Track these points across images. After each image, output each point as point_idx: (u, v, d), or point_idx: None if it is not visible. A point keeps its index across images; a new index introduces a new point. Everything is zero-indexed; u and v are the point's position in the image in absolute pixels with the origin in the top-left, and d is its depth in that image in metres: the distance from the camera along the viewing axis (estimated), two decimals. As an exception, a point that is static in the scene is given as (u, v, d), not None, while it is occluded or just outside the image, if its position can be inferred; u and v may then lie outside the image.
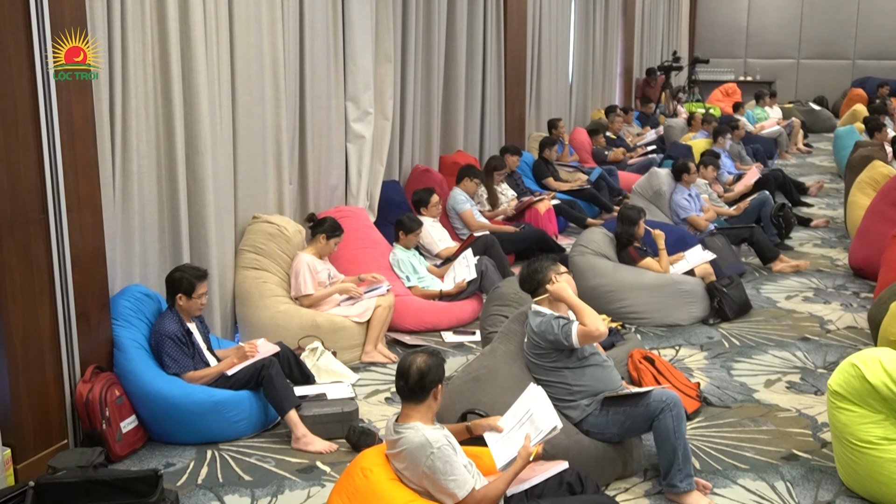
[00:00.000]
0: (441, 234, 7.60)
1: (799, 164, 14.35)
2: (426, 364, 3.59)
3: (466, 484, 3.46)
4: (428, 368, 3.58)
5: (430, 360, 3.61)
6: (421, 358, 3.62)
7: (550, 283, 4.38)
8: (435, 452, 3.45)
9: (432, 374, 3.58)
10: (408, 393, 3.59)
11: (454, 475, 3.45)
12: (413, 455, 3.49)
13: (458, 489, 3.45)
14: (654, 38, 19.05)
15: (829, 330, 6.58)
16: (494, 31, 10.21)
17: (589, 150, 12.10)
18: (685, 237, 7.75)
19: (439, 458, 3.44)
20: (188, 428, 4.69)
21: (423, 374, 3.57)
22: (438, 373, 3.60)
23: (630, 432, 4.29)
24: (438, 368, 3.61)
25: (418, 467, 3.48)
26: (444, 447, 3.47)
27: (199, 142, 5.47)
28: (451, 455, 3.47)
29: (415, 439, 3.49)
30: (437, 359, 3.65)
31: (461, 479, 3.45)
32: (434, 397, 3.59)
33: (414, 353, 3.67)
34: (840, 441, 4.22)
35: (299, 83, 6.72)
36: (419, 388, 3.57)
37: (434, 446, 3.45)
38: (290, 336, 5.64)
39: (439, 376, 3.61)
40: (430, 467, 3.45)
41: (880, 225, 7.62)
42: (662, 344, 6.28)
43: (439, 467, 3.44)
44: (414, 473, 3.52)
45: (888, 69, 20.04)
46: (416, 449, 3.48)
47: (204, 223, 5.57)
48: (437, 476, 3.45)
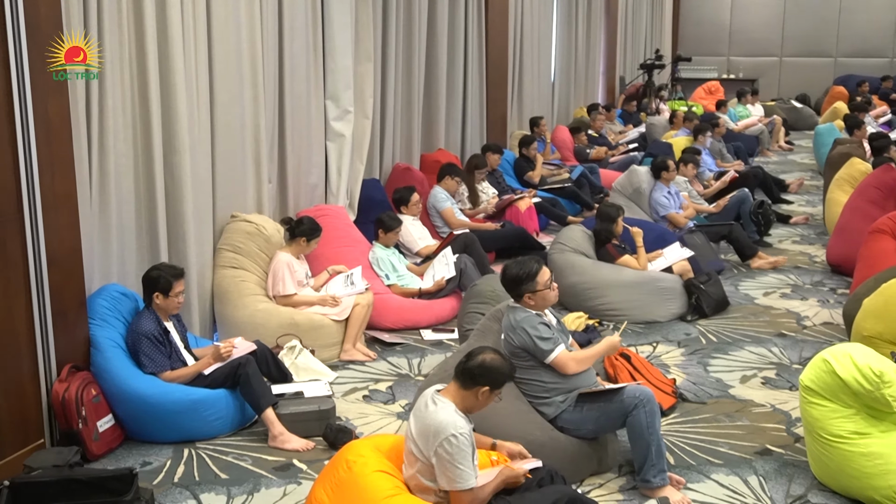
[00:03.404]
0: (421, 233, 7.62)
1: (780, 161, 14.43)
2: (493, 363, 3.62)
3: (469, 479, 3.48)
4: (492, 367, 3.60)
5: (499, 365, 3.63)
6: (496, 357, 3.66)
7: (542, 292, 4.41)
8: (457, 437, 3.45)
9: (492, 375, 3.59)
10: (461, 371, 3.62)
11: (462, 465, 3.46)
12: (433, 428, 3.50)
13: (459, 480, 3.46)
14: (638, 36, 19.10)
15: (806, 326, 6.63)
16: (476, 29, 10.23)
17: (571, 148, 12.13)
18: (665, 234, 7.79)
19: (457, 444, 3.45)
20: (165, 427, 4.70)
21: (484, 367, 3.60)
22: (497, 379, 3.61)
23: (604, 428, 4.33)
24: (501, 376, 3.62)
25: (433, 443, 3.48)
26: (465, 435, 3.48)
27: (176, 140, 5.47)
28: (467, 446, 3.48)
29: (442, 415, 3.51)
30: (507, 371, 3.66)
31: (466, 473, 3.47)
32: (476, 395, 3.59)
33: (498, 352, 3.72)
34: (812, 435, 4.27)
35: (278, 82, 6.72)
36: (471, 375, 3.59)
37: (457, 430, 3.47)
38: (269, 334, 5.65)
39: (495, 382, 3.60)
40: (444, 448, 3.45)
41: (858, 221, 7.68)
42: (640, 341, 6.32)
43: (453, 452, 3.45)
44: (426, 446, 3.52)
45: (870, 67, 20.17)
46: (438, 423, 3.49)
47: (182, 222, 5.57)
48: (448, 459, 3.45)
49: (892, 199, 7.92)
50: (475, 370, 3.59)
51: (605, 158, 12.21)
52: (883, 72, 19.68)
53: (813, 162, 13.78)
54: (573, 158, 11.98)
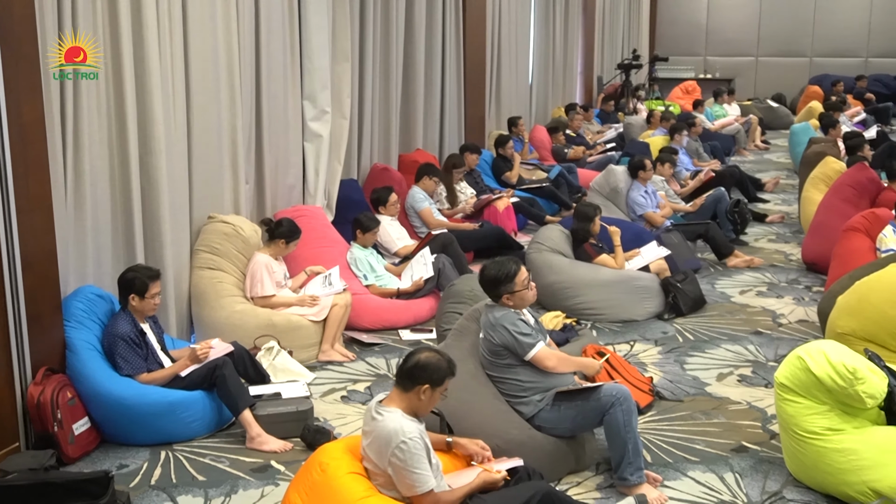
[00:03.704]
0: (399, 233, 7.62)
1: (757, 160, 14.54)
2: (427, 360, 3.62)
3: (428, 482, 3.48)
4: (426, 365, 3.60)
5: (435, 361, 3.62)
6: (432, 354, 3.66)
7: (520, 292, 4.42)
8: (407, 443, 3.46)
9: (427, 373, 3.59)
10: (400, 375, 3.64)
11: (417, 470, 3.47)
12: (384, 440, 3.51)
13: (417, 484, 3.47)
14: (615, 36, 19.19)
15: (782, 324, 6.69)
16: (454, 29, 10.24)
17: (549, 148, 12.17)
18: (642, 234, 7.84)
19: (408, 449, 3.46)
20: (142, 429, 4.68)
21: (419, 367, 3.60)
22: (434, 376, 3.60)
23: (582, 427, 4.35)
24: (437, 372, 3.61)
25: (386, 453, 3.50)
26: (415, 440, 3.48)
27: (152, 142, 5.44)
28: (419, 450, 3.49)
29: (390, 424, 3.51)
30: (444, 366, 3.64)
31: (423, 476, 3.48)
32: (419, 395, 3.59)
33: (434, 350, 3.73)
34: (787, 432, 4.31)
35: (255, 82, 6.70)
36: (408, 376, 3.60)
37: (406, 436, 3.47)
38: (247, 336, 5.63)
39: (433, 380, 3.59)
40: (397, 456, 3.47)
41: (832, 220, 7.75)
42: (618, 339, 6.36)
43: (406, 459, 3.46)
44: (380, 458, 3.54)
45: (844, 66, 20.36)
46: (388, 434, 3.50)
47: (158, 223, 5.55)
48: (401, 466, 3.47)
49: (867, 198, 8.00)
50: (413, 371, 3.59)
51: (582, 158, 12.25)
52: (857, 71, 19.89)
53: (789, 161, 13.88)
54: (551, 158, 12.02)
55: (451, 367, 3.68)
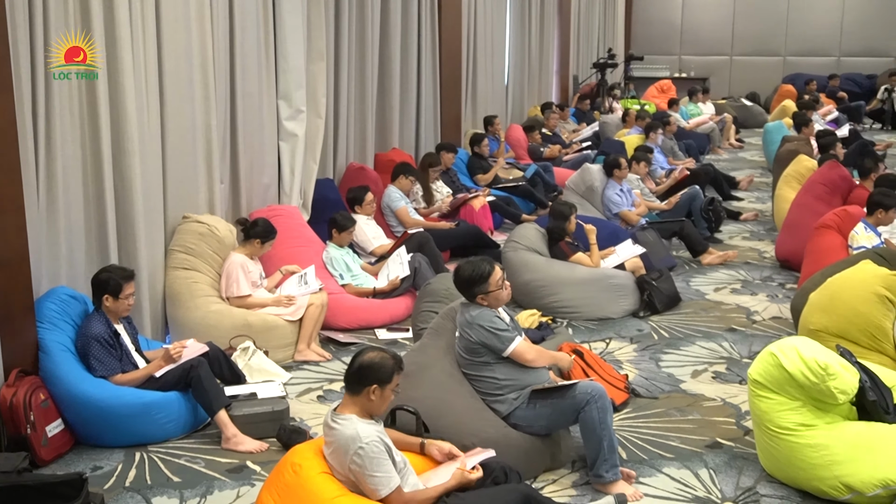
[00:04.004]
0: (375, 232, 7.62)
1: (731, 158, 14.64)
2: (371, 361, 3.60)
3: (390, 483, 3.49)
4: (370, 365, 3.59)
5: (379, 360, 3.61)
6: (375, 354, 3.64)
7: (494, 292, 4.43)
8: (364, 448, 3.47)
9: (373, 372, 3.58)
10: (346, 380, 3.64)
11: (378, 473, 3.47)
12: (342, 447, 3.52)
13: (380, 487, 3.48)
14: (591, 35, 19.26)
15: (755, 321, 6.74)
16: (429, 28, 10.24)
17: (525, 147, 12.19)
18: (617, 232, 7.88)
19: (366, 454, 3.47)
20: (116, 431, 4.65)
21: (363, 368, 3.59)
22: (380, 375, 3.59)
23: (557, 425, 4.37)
24: (383, 371, 3.59)
25: (345, 460, 3.51)
26: (372, 443, 3.49)
27: (126, 141, 5.40)
28: (378, 452, 3.49)
29: (346, 432, 3.52)
30: (390, 363, 3.62)
31: (385, 478, 3.48)
32: (369, 397, 3.58)
33: (376, 348, 3.70)
34: (760, 428, 4.35)
35: (230, 81, 6.67)
36: (355, 380, 3.60)
37: (363, 441, 3.48)
38: (222, 336, 5.61)
39: (381, 379, 3.58)
40: (355, 462, 3.48)
41: (805, 217, 7.82)
42: (593, 337, 6.38)
43: (364, 463, 3.47)
44: (341, 465, 3.55)
45: (817, 65, 20.56)
46: (344, 441, 3.51)
47: (132, 223, 5.51)
48: (361, 471, 3.48)
49: (839, 196, 8.08)
50: (358, 374, 3.59)
51: (558, 157, 12.28)
52: (830, 70, 20.07)
53: (762, 159, 13.99)
54: (527, 157, 12.04)
55: (397, 362, 3.67)
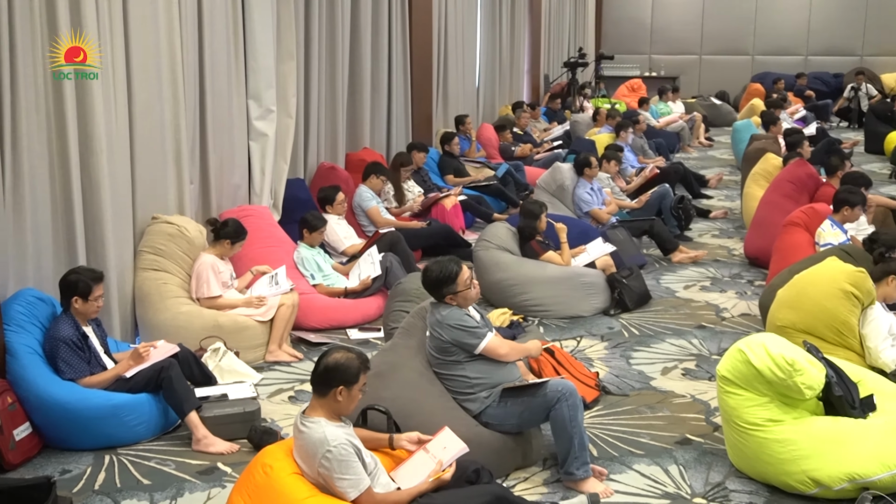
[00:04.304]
0: (347, 232, 7.60)
1: (701, 157, 14.75)
2: (336, 362, 3.58)
3: (360, 485, 3.49)
4: (336, 366, 3.58)
5: (345, 361, 3.59)
6: (340, 354, 3.62)
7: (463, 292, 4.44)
8: (332, 451, 3.47)
9: (339, 374, 3.57)
10: (313, 383, 3.62)
11: (347, 475, 3.48)
12: (310, 450, 3.51)
13: (349, 489, 3.48)
14: (561, 35, 19.32)
15: (725, 317, 6.80)
16: (400, 27, 10.23)
17: (496, 146, 12.21)
18: (588, 230, 7.91)
19: (334, 457, 3.46)
20: (85, 433, 4.62)
21: (329, 370, 3.58)
22: (346, 376, 3.57)
23: (528, 423, 4.39)
24: (348, 372, 3.58)
25: (314, 464, 3.51)
26: (341, 446, 3.48)
27: (93, 141, 5.36)
28: (347, 455, 3.49)
29: (314, 435, 3.51)
30: (355, 364, 3.60)
31: (354, 480, 3.48)
32: (336, 398, 3.58)
33: (342, 349, 3.68)
34: (729, 424, 4.39)
35: (199, 81, 6.63)
36: (321, 382, 3.59)
37: (331, 444, 3.47)
38: (193, 337, 5.59)
39: (347, 380, 3.57)
40: (324, 466, 3.48)
41: (773, 215, 7.90)
42: (564, 335, 6.41)
43: (333, 467, 3.47)
44: (310, 468, 3.55)
45: (785, 64, 20.77)
46: (313, 445, 3.50)
47: (100, 224, 5.46)
48: (330, 474, 3.48)
49: (806, 193, 8.17)
50: (324, 376, 3.58)
51: (530, 156, 12.31)
52: (797, 69, 20.29)
53: (732, 157, 14.10)
54: (498, 156, 12.06)
55: (363, 362, 3.65)
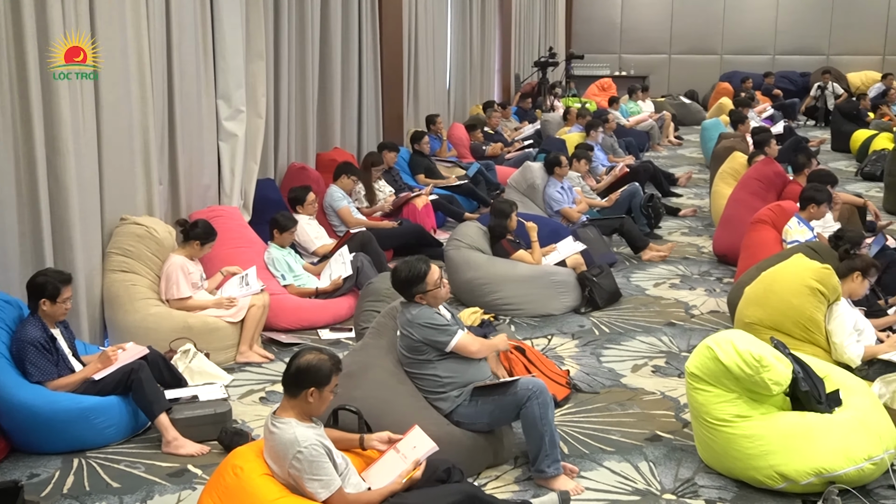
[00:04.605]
0: (317, 232, 7.59)
1: (670, 155, 14.86)
2: (308, 363, 3.58)
3: (331, 486, 3.49)
4: (307, 368, 3.57)
5: (316, 362, 3.58)
6: (312, 356, 3.61)
7: (432, 291, 4.45)
8: (302, 451, 3.46)
9: (310, 375, 3.56)
10: (284, 384, 3.62)
11: (318, 476, 3.47)
12: (281, 451, 3.51)
13: (320, 490, 3.48)
14: (532, 34, 19.39)
15: (694, 315, 6.86)
16: (370, 27, 10.22)
17: (467, 146, 12.24)
18: (558, 229, 7.96)
19: (305, 458, 3.46)
20: (54, 437, 4.57)
21: (300, 372, 3.58)
22: (318, 377, 3.57)
23: (499, 421, 4.40)
24: (320, 373, 3.57)
25: (284, 464, 3.50)
26: (311, 447, 3.48)
27: (59, 142, 5.31)
28: (318, 456, 3.48)
29: (285, 436, 3.51)
30: (327, 365, 3.59)
31: (325, 481, 3.48)
32: (307, 399, 3.57)
33: (314, 350, 3.67)
34: (698, 420, 4.43)
35: (167, 81, 6.59)
36: (292, 383, 3.58)
37: (302, 445, 3.47)
38: (162, 339, 5.55)
39: (318, 381, 3.56)
40: (294, 467, 3.48)
41: (741, 213, 7.98)
42: (535, 334, 6.44)
43: (304, 467, 3.46)
44: (281, 469, 3.54)
45: (753, 64, 21.00)
46: (283, 445, 3.50)
47: (68, 226, 5.42)
48: (301, 475, 3.48)
49: (773, 191, 8.25)
50: (295, 377, 3.58)
51: (500, 155, 12.36)
52: (765, 68, 20.51)
53: (701, 156, 14.22)
54: (469, 155, 12.10)
55: (335, 363, 3.65)
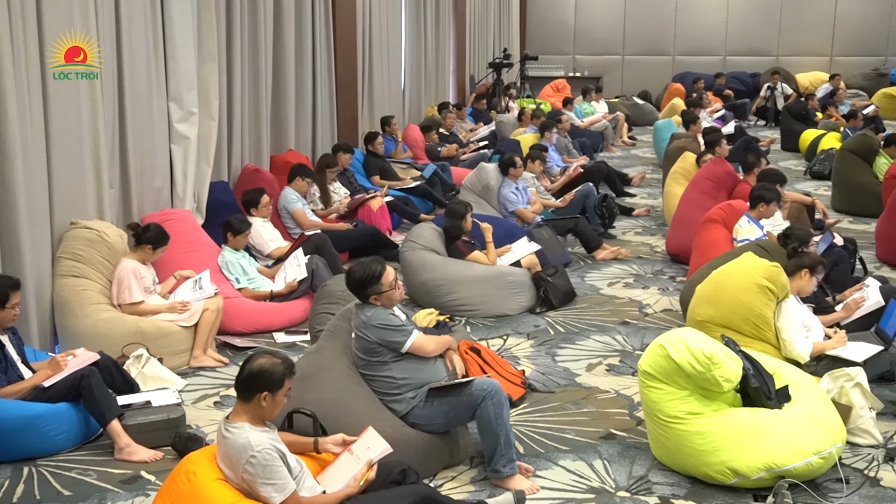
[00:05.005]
0: (272, 234, 7.54)
1: (624, 156, 14.99)
2: (261, 367, 3.56)
3: (285, 490, 3.48)
4: (260, 372, 3.55)
5: (269, 366, 3.56)
6: (265, 360, 3.59)
7: (387, 293, 4.46)
8: (255, 456, 3.44)
9: (263, 379, 3.54)
10: (236, 388, 3.60)
11: (272, 480, 3.46)
12: (234, 456, 3.49)
13: (274, 494, 3.46)
14: (486, 35, 19.45)
15: (647, 313, 6.93)
16: (323, 28, 10.18)
17: (422, 147, 12.25)
18: (513, 230, 7.99)
19: (258, 462, 3.44)
20: (3, 445, 4.50)
21: (253, 376, 3.56)
22: (271, 381, 3.55)
23: (455, 422, 4.42)
24: (272, 377, 3.55)
25: (238, 469, 3.48)
26: (265, 451, 3.46)
27: (6, 145, 5.22)
28: (271, 460, 3.47)
29: (238, 441, 3.48)
30: (280, 369, 3.57)
31: (279, 485, 3.47)
32: (260, 404, 3.55)
33: (266, 353, 3.64)
34: (651, 418, 4.48)
35: (118, 82, 6.49)
36: (245, 387, 3.57)
37: (255, 450, 3.45)
38: (115, 344, 5.48)
39: (271, 385, 3.55)
40: (248, 472, 3.46)
41: (693, 212, 8.07)
42: (491, 334, 6.46)
43: (257, 472, 3.45)
44: (234, 474, 3.52)
45: (704, 64, 21.25)
46: (237, 450, 3.48)
47: (16, 230, 5.33)
48: (254, 480, 3.46)
49: (724, 191, 8.36)
50: (248, 382, 3.56)
51: (456, 156, 12.38)
52: (716, 69, 20.78)
53: (654, 156, 14.36)
54: (425, 157, 12.10)
55: (288, 366, 3.63)
